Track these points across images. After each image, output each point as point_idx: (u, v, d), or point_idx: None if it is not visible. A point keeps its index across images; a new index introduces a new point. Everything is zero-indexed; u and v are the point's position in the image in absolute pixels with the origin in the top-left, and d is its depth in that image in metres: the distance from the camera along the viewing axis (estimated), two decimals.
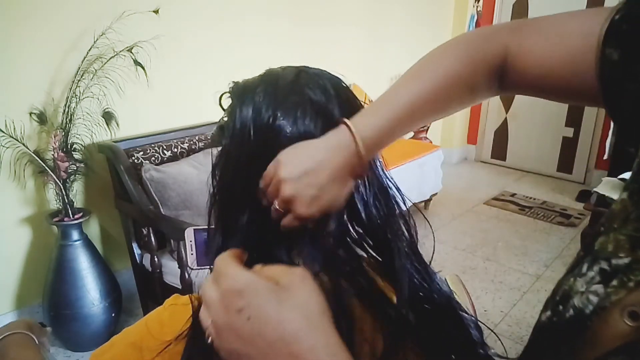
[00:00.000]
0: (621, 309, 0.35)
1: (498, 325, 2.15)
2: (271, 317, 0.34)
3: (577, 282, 0.39)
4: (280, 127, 0.48)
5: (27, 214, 1.92)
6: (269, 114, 0.49)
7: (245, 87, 0.53)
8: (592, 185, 3.38)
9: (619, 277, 0.36)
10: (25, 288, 1.97)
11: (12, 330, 0.66)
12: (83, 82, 1.85)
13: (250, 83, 0.53)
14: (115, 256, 2.20)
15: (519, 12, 3.97)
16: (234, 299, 0.35)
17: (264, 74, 0.54)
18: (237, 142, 0.50)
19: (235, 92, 0.53)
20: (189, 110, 2.35)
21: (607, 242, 0.39)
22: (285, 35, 2.76)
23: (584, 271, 0.39)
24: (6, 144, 1.74)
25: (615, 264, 0.37)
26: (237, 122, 0.50)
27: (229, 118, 0.52)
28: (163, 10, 2.01)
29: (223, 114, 0.54)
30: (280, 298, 0.35)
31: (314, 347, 0.33)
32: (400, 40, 3.60)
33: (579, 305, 0.38)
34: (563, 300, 0.40)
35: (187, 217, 1.86)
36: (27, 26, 1.79)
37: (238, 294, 0.35)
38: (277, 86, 0.51)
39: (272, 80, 0.52)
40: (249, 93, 0.51)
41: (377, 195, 0.52)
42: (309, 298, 0.36)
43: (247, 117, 0.50)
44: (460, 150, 4.52)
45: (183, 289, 1.75)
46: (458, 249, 2.84)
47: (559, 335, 0.40)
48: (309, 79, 0.52)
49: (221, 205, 0.53)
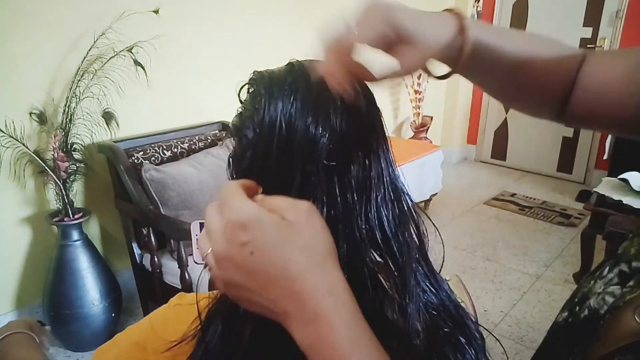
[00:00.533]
0: (634, 307, 0.35)
1: (498, 325, 2.15)
2: (275, 255, 0.33)
3: (596, 284, 0.40)
4: (316, 136, 0.46)
5: (27, 214, 1.92)
6: (304, 119, 0.46)
7: (273, 79, 0.50)
8: (592, 185, 3.38)
9: (636, 278, 0.37)
10: (25, 288, 1.97)
11: (13, 330, 0.66)
12: (83, 82, 1.85)
13: (278, 75, 0.50)
14: (115, 256, 2.20)
15: (519, 12, 3.97)
16: (237, 231, 0.34)
17: (291, 66, 0.51)
18: (266, 139, 0.47)
19: (261, 83, 0.50)
20: (189, 110, 2.35)
21: (630, 246, 0.39)
22: (286, 35, 2.76)
23: (605, 274, 0.39)
24: (6, 144, 1.74)
25: (635, 266, 0.37)
26: (267, 117, 0.47)
27: (256, 110, 0.49)
28: (163, 10, 2.01)
29: (244, 103, 0.51)
30: (286, 236, 0.34)
31: (318, 287, 0.33)
32: None
33: (594, 306, 0.38)
34: (580, 301, 0.40)
35: (187, 217, 1.86)
36: (27, 26, 1.79)
37: (242, 227, 0.34)
38: (309, 82, 0.48)
39: (302, 76, 0.49)
40: (278, 87, 0.48)
41: (390, 196, 0.49)
42: (315, 237, 0.35)
43: (277, 114, 0.47)
44: (460, 150, 4.52)
45: (183, 289, 1.75)
46: (458, 249, 2.84)
47: (573, 335, 0.40)
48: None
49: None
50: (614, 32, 3.54)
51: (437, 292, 0.51)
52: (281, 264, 0.33)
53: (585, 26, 3.66)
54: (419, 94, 3.66)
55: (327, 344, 0.32)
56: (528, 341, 2.04)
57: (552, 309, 2.25)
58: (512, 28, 0.51)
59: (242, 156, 0.49)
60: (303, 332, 0.33)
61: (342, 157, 0.47)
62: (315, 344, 0.33)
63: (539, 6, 3.86)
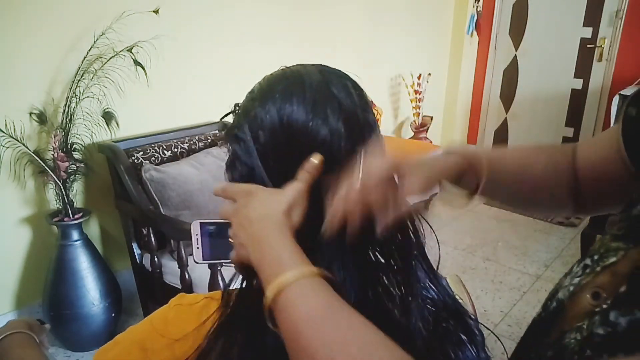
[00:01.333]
0: (587, 290, 0.39)
1: (498, 325, 2.15)
2: (256, 205, 0.48)
3: (565, 280, 0.44)
4: (315, 130, 0.49)
5: (27, 214, 1.92)
6: (302, 120, 0.49)
7: (265, 87, 0.53)
8: None
9: (592, 266, 0.41)
10: (25, 288, 1.97)
11: (13, 330, 0.66)
12: (83, 82, 1.85)
13: (270, 81, 0.53)
14: (115, 256, 2.20)
15: (519, 12, 3.97)
16: (246, 196, 0.49)
17: (285, 72, 0.54)
18: (269, 142, 0.50)
19: (257, 91, 0.53)
20: (189, 110, 2.35)
21: (597, 244, 0.43)
22: (286, 35, 2.76)
23: (573, 270, 0.44)
24: (6, 144, 1.74)
25: (595, 258, 0.41)
26: (263, 121, 0.50)
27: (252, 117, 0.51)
28: (163, 10, 2.01)
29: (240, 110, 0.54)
30: (269, 195, 0.48)
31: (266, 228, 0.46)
32: (400, 40, 3.60)
33: (561, 297, 0.43)
34: (551, 296, 0.45)
35: (187, 217, 1.86)
36: (27, 26, 1.79)
37: (249, 193, 0.49)
38: (304, 85, 0.51)
39: (297, 79, 0.52)
40: (271, 93, 0.51)
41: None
42: (289, 197, 0.47)
43: (272, 119, 0.50)
44: None
45: (183, 289, 1.75)
46: (458, 249, 2.84)
47: (543, 327, 0.44)
48: (333, 78, 0.53)
49: None
50: (614, 32, 3.54)
51: (437, 289, 0.52)
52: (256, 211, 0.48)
53: (585, 26, 3.66)
54: (419, 94, 3.66)
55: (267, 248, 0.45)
56: None
57: None
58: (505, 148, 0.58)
59: (240, 162, 0.52)
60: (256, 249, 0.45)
61: (341, 155, 0.49)
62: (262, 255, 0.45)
63: (539, 6, 3.86)
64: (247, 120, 0.52)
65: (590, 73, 3.72)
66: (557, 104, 3.93)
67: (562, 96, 3.89)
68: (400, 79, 3.72)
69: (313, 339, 0.37)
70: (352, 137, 0.50)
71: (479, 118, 4.44)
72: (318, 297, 0.40)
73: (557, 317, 0.42)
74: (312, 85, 0.51)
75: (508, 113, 4.25)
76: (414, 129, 3.79)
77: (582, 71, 3.76)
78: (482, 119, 4.43)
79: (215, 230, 0.63)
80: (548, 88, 3.95)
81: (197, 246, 0.61)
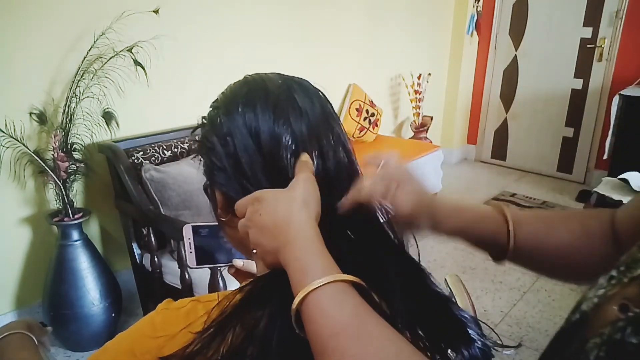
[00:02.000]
0: (615, 302, 0.37)
1: (498, 325, 2.15)
2: (270, 209, 0.47)
3: (589, 292, 0.42)
4: (280, 135, 0.52)
5: (27, 214, 1.92)
6: (266, 124, 0.52)
7: (228, 95, 0.56)
8: (592, 185, 3.38)
9: (618, 277, 0.39)
10: (25, 288, 1.97)
11: (12, 330, 0.66)
12: (83, 82, 1.85)
13: (234, 90, 0.56)
14: (115, 256, 2.20)
15: (519, 12, 3.97)
16: (253, 203, 0.49)
17: (247, 79, 0.57)
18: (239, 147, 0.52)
19: (221, 100, 0.56)
20: (189, 110, 2.35)
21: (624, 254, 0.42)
22: (286, 35, 2.76)
23: (599, 281, 0.42)
24: (6, 144, 1.74)
25: (622, 269, 0.40)
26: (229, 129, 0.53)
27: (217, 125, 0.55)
28: (163, 10, 2.01)
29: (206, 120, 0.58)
30: (279, 196, 0.48)
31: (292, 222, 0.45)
32: (400, 40, 3.60)
33: (584, 309, 0.41)
34: (575, 309, 0.43)
35: (187, 217, 1.86)
36: (27, 26, 1.79)
37: (255, 199, 0.49)
38: (267, 91, 0.54)
39: (259, 85, 0.55)
40: (234, 101, 0.54)
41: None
42: (300, 191, 0.47)
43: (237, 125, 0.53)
44: (460, 150, 4.52)
45: (183, 289, 1.75)
46: (458, 249, 2.84)
47: (564, 339, 0.42)
48: (293, 84, 0.56)
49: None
50: (614, 32, 3.54)
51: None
52: (272, 213, 0.47)
53: (585, 26, 3.66)
54: (419, 94, 3.66)
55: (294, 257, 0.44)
56: (528, 341, 2.04)
57: (552, 309, 2.25)
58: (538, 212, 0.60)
59: (216, 169, 0.55)
60: (284, 256, 0.45)
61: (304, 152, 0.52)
62: (289, 262, 0.44)
63: (539, 6, 3.86)
64: (214, 129, 0.55)
65: (590, 73, 3.72)
66: (557, 104, 3.93)
67: (562, 96, 3.89)
68: (400, 79, 3.72)
69: (337, 352, 0.38)
70: (315, 140, 0.53)
71: (479, 118, 4.44)
72: (344, 307, 0.40)
73: (581, 328, 0.41)
74: (274, 91, 0.54)
75: (508, 113, 4.25)
76: (414, 129, 3.79)
77: (582, 71, 3.76)
78: (482, 119, 4.43)
79: (209, 233, 0.62)
80: (548, 88, 3.95)
81: (189, 251, 0.61)
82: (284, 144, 0.51)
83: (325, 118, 0.55)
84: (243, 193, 0.52)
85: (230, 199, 0.54)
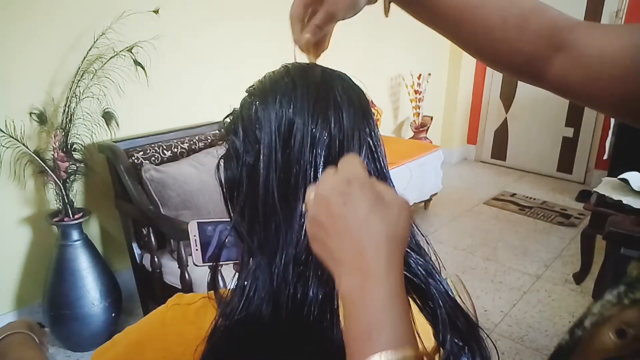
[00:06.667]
0: (611, 325, 0.36)
1: (498, 325, 2.15)
2: (361, 212, 0.37)
3: (595, 306, 0.40)
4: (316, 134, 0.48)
5: (27, 214, 1.92)
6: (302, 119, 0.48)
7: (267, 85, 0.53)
8: (592, 185, 3.38)
9: (619, 296, 0.37)
10: (25, 288, 1.97)
11: (13, 330, 0.66)
12: (83, 82, 1.85)
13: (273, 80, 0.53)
14: (115, 256, 2.20)
15: None
16: (342, 183, 0.39)
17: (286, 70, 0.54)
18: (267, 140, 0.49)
19: (258, 88, 0.53)
20: (189, 110, 2.35)
21: (634, 268, 0.40)
22: (286, 35, 2.76)
23: (605, 296, 0.40)
24: (6, 144, 1.74)
25: (622, 290, 0.38)
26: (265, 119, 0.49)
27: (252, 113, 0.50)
28: (163, 10, 2.01)
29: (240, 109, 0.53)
30: (378, 205, 0.38)
31: (380, 254, 0.36)
32: (400, 40, 3.60)
33: (587, 326, 0.39)
34: (579, 323, 0.41)
35: (187, 217, 1.86)
36: (27, 26, 1.79)
37: (347, 181, 0.39)
38: (309, 84, 0.51)
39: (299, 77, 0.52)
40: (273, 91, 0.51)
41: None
42: (399, 219, 0.38)
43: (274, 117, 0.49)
44: (460, 150, 4.52)
45: (183, 289, 1.75)
46: (458, 249, 2.84)
47: (564, 355, 0.41)
48: (334, 78, 0.53)
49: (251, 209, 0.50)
50: None
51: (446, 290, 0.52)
52: (362, 222, 0.37)
53: None
54: (419, 94, 3.66)
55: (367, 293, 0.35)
56: (528, 341, 2.04)
57: (552, 309, 2.25)
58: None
59: (238, 158, 0.51)
60: (350, 280, 0.36)
61: (339, 153, 0.48)
62: (356, 291, 0.35)
63: None
64: (246, 117, 0.51)
65: None
66: (557, 104, 3.93)
67: None
68: (400, 79, 3.72)
69: None
70: (352, 138, 0.50)
71: (479, 118, 4.44)
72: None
73: (577, 347, 0.39)
74: (315, 85, 0.50)
75: (508, 113, 4.25)
76: (414, 129, 3.79)
77: None
78: (482, 119, 4.43)
79: (215, 230, 0.60)
80: None
81: (195, 248, 0.59)
82: (319, 142, 0.48)
83: (364, 117, 0.52)
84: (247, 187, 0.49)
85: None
